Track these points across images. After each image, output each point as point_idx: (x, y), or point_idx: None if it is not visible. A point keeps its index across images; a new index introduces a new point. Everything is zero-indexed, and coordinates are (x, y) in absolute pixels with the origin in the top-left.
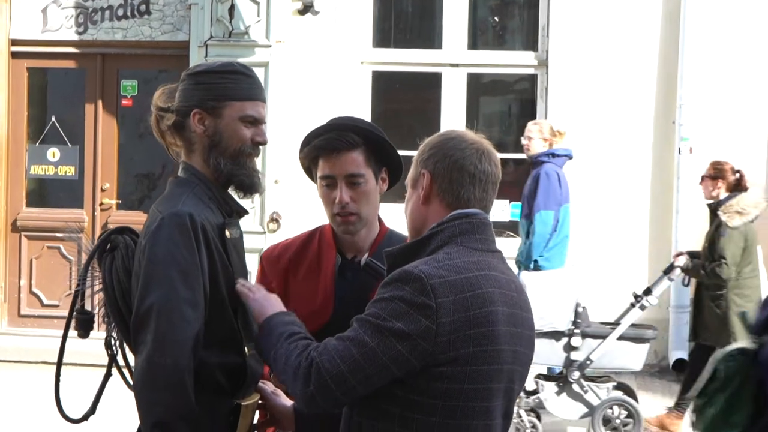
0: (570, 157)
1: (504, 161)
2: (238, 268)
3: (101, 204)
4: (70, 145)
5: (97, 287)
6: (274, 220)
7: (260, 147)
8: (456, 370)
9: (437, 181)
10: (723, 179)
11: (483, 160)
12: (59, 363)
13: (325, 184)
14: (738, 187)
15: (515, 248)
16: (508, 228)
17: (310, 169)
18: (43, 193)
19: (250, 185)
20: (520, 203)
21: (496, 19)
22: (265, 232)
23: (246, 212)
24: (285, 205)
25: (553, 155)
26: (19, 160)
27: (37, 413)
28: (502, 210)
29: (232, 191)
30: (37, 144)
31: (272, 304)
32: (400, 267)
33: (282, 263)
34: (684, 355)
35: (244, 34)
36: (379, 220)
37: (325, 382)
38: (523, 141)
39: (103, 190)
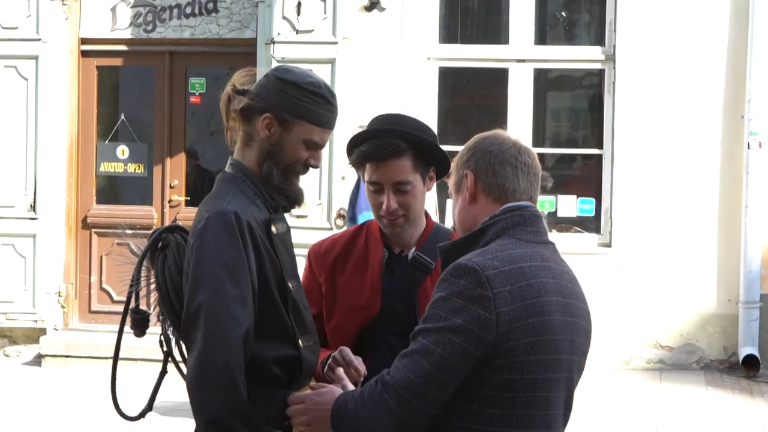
0: None
1: (572, 156)
2: (287, 263)
3: (170, 201)
4: (139, 143)
5: (151, 286)
6: (341, 216)
7: (310, 169)
8: (515, 361)
9: (481, 178)
10: None
11: (522, 152)
12: (115, 362)
13: (373, 189)
14: None
15: (584, 244)
16: (576, 223)
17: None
18: (112, 190)
19: (293, 200)
20: (588, 198)
21: (563, 14)
22: (332, 228)
23: (293, 207)
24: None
25: None
26: (89, 157)
27: (107, 409)
28: (570, 205)
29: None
30: (107, 142)
31: (325, 400)
32: (454, 261)
33: (329, 259)
34: (754, 350)
35: (311, 31)
36: (426, 214)
37: (406, 399)
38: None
39: (171, 187)
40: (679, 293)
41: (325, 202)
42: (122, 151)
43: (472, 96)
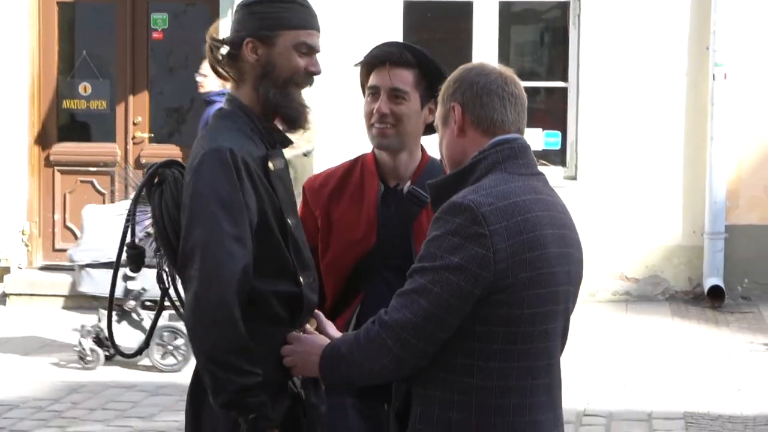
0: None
1: (537, 89)
2: (285, 199)
3: (134, 137)
4: (101, 80)
5: (147, 221)
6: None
7: (313, 77)
8: (515, 296)
9: (469, 109)
10: None
11: (509, 82)
12: (111, 300)
13: (370, 94)
14: None
15: (549, 177)
16: (541, 156)
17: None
18: (75, 127)
19: (296, 118)
20: (553, 131)
21: None
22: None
23: (290, 142)
24: (324, 139)
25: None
26: (50, 95)
27: (71, 346)
28: (536, 138)
29: (277, 123)
30: (69, 79)
31: (314, 344)
32: (444, 198)
33: (324, 193)
34: (719, 281)
35: None
36: (422, 148)
37: (404, 337)
38: (198, 78)
39: (135, 124)
40: (645, 225)
41: None
42: (84, 87)
43: (436, 30)
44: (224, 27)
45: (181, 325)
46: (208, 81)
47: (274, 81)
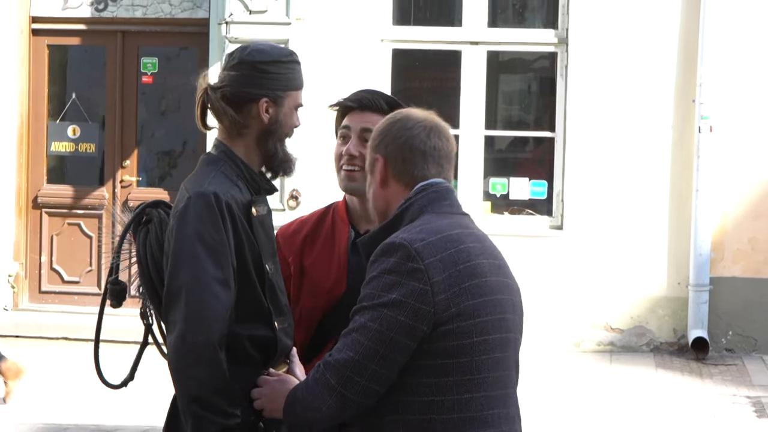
0: None
1: (524, 139)
2: (265, 245)
3: (122, 181)
4: (90, 122)
5: (132, 260)
6: (294, 197)
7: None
8: (462, 325)
9: (390, 163)
10: None
11: (432, 136)
12: (98, 331)
13: (341, 136)
14: None
15: (535, 227)
16: (527, 206)
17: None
18: (63, 170)
19: (292, 168)
20: (540, 181)
21: None
22: (284, 209)
23: (275, 189)
24: (305, 182)
25: None
26: (39, 137)
27: (57, 388)
28: (522, 188)
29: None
30: (58, 121)
31: (282, 388)
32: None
33: (297, 240)
34: (703, 333)
35: (264, 11)
36: None
37: (346, 376)
38: None
39: (123, 167)
40: (630, 276)
41: (278, 183)
42: (73, 130)
43: (425, 78)
44: (213, 72)
45: None
46: None
47: (279, 137)
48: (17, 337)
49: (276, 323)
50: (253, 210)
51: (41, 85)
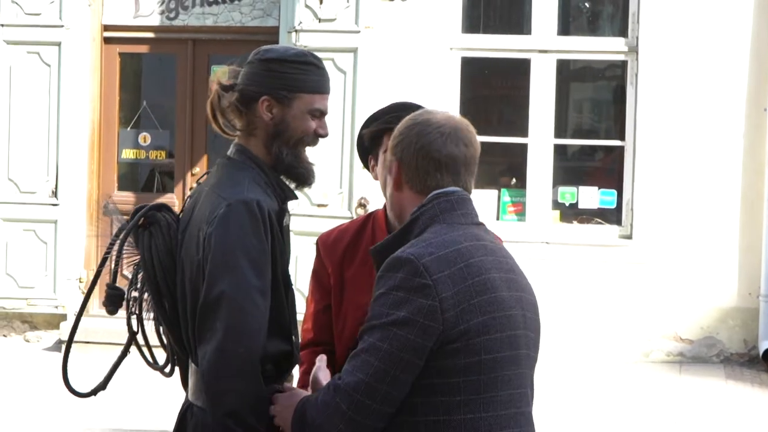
0: None
1: (594, 148)
2: (288, 255)
3: (191, 188)
4: (161, 130)
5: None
6: (362, 205)
7: (319, 139)
8: (470, 343)
9: (404, 169)
10: None
11: (448, 143)
12: (71, 337)
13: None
14: None
15: (604, 236)
16: (597, 215)
17: (366, 151)
18: (134, 177)
19: (306, 177)
20: (609, 190)
21: (587, 4)
22: (353, 217)
23: (296, 197)
24: (373, 190)
25: None
26: (110, 144)
27: (125, 393)
28: (591, 196)
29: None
30: (129, 129)
31: (290, 403)
32: None
33: (338, 251)
34: None
35: (333, 20)
36: None
37: (357, 400)
38: None
39: (193, 175)
40: (700, 286)
41: (346, 191)
42: (144, 138)
43: (494, 86)
44: None
45: None
46: None
47: (286, 141)
48: (87, 342)
49: (293, 337)
50: (285, 219)
51: (112, 93)
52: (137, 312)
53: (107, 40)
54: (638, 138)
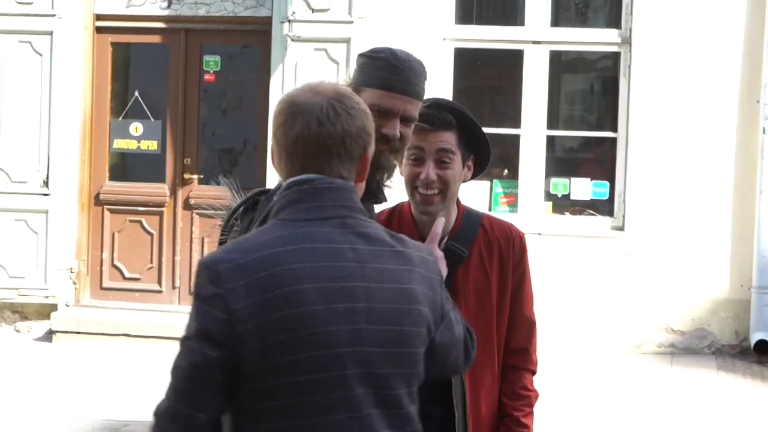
0: None
1: (586, 139)
2: None
3: (183, 179)
4: (152, 120)
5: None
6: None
7: (393, 141)
8: (270, 365)
9: (274, 154)
10: None
11: (297, 124)
12: None
13: (413, 157)
14: None
15: (596, 227)
16: (589, 206)
17: None
18: (125, 167)
19: (373, 181)
20: (601, 181)
21: None
22: None
23: (384, 199)
24: None
25: None
26: (102, 134)
27: (117, 384)
28: (584, 188)
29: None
30: (120, 118)
31: None
32: None
33: None
34: (766, 336)
35: (327, 10)
36: (457, 201)
37: (164, 427)
38: None
39: (185, 165)
40: (692, 278)
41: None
42: (135, 128)
43: (487, 77)
44: (276, 73)
45: None
46: None
47: None
48: (78, 333)
49: None
50: None
51: (104, 83)
52: None
53: (99, 30)
54: (631, 130)
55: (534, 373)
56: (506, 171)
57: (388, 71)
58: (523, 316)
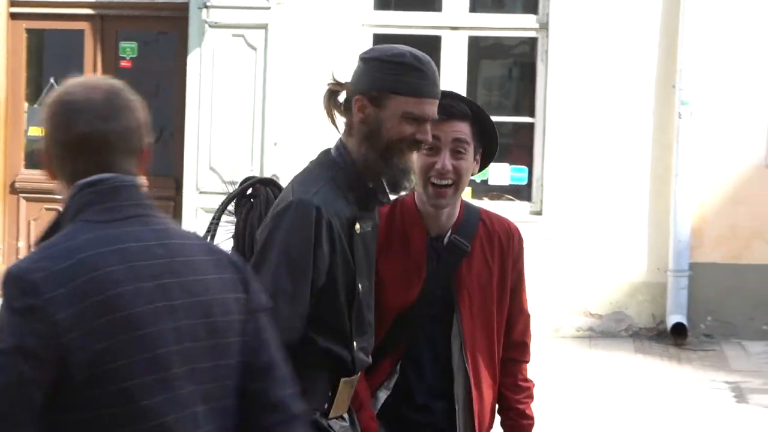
0: None
1: (504, 125)
2: (363, 263)
3: None
4: None
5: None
6: None
7: (421, 144)
8: (96, 373)
9: (51, 157)
10: None
11: (79, 123)
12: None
13: (428, 147)
14: None
15: (515, 212)
16: (508, 191)
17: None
18: (41, 155)
19: (396, 183)
20: (520, 166)
21: None
22: None
23: (381, 203)
24: (284, 167)
25: None
26: (17, 121)
27: None
28: (502, 173)
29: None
30: (36, 105)
31: None
32: None
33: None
34: (682, 319)
35: None
36: None
37: None
38: None
39: None
40: (609, 261)
41: (257, 167)
42: None
43: None
44: (192, 58)
45: None
46: None
47: (375, 144)
48: None
49: (355, 343)
50: (357, 226)
51: (19, 69)
52: None
53: (13, 16)
54: (548, 115)
55: (528, 363)
56: None
57: (416, 77)
58: (521, 309)
